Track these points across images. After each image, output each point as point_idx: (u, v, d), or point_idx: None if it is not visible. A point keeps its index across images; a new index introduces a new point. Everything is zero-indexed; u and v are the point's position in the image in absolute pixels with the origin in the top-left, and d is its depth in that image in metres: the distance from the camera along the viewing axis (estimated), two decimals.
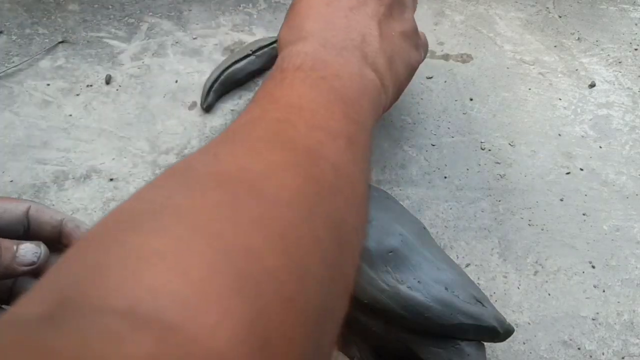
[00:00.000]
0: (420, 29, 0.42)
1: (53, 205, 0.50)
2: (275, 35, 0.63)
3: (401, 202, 0.47)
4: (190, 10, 0.70)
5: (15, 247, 0.32)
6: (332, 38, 0.32)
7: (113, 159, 0.54)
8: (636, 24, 0.68)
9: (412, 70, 0.39)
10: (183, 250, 0.17)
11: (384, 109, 0.35)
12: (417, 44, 0.40)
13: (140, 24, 0.68)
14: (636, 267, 0.46)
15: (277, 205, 0.20)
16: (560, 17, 0.69)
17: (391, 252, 0.35)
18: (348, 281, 0.24)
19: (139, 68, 0.62)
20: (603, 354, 0.41)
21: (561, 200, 0.50)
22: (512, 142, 0.55)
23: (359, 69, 0.31)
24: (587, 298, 0.44)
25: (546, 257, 0.47)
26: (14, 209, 0.35)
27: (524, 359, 0.41)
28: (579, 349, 0.41)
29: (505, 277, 0.45)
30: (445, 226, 0.49)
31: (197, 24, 0.68)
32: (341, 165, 0.25)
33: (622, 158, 0.54)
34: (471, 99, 0.59)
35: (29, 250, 0.32)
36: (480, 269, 0.46)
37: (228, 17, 0.69)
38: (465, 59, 0.64)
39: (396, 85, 0.36)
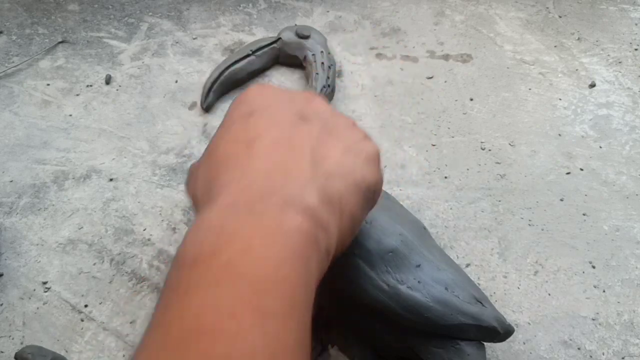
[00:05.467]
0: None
1: (53, 205, 0.50)
2: (275, 35, 0.63)
3: (401, 202, 0.47)
4: (190, 10, 0.70)
5: None
6: (248, 188, 0.25)
7: (113, 159, 0.54)
8: (636, 24, 0.68)
9: (366, 190, 0.30)
10: None
11: (337, 249, 0.28)
12: (368, 155, 0.31)
13: (140, 24, 0.68)
14: (636, 267, 0.46)
15: None
16: (560, 17, 0.69)
17: (391, 252, 0.35)
18: None
19: (138, 68, 0.62)
20: (603, 354, 0.41)
21: (561, 200, 0.50)
22: (512, 142, 0.55)
23: (277, 221, 0.24)
24: (587, 298, 0.44)
25: (546, 257, 0.47)
26: None
27: (524, 359, 0.41)
28: (579, 349, 0.41)
29: (506, 277, 0.45)
30: (446, 226, 0.49)
31: (197, 24, 0.68)
32: None
33: (622, 158, 0.54)
34: (471, 99, 0.59)
35: None
36: (480, 269, 0.46)
37: (228, 17, 0.69)
38: (465, 58, 0.64)
39: (345, 214, 0.28)
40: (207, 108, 0.58)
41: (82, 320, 0.43)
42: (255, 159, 0.27)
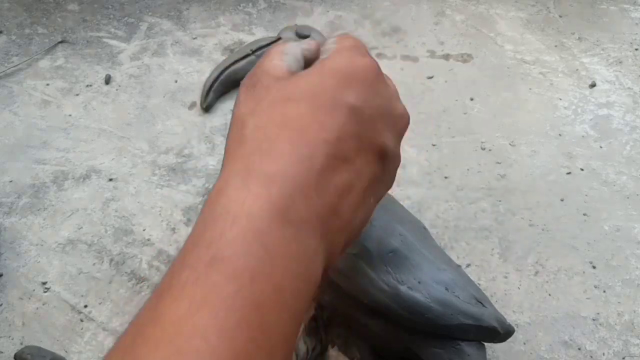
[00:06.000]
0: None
1: (52, 205, 0.50)
2: (275, 34, 0.63)
3: (402, 202, 0.46)
4: (189, 10, 0.70)
5: None
6: (301, 200, 0.23)
7: (113, 159, 0.54)
8: (637, 24, 0.68)
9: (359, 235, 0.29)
10: None
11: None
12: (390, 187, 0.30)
13: (140, 23, 0.68)
14: (637, 268, 0.46)
15: None
16: (560, 16, 0.69)
17: (391, 252, 0.35)
18: None
19: (138, 68, 0.62)
20: (603, 354, 0.41)
21: (562, 200, 0.50)
22: (512, 142, 0.55)
23: (309, 264, 0.23)
24: (587, 298, 0.44)
25: (547, 258, 0.46)
26: None
27: (525, 359, 0.41)
28: (579, 349, 0.41)
29: (506, 277, 0.45)
30: (446, 226, 0.48)
31: (197, 24, 0.68)
32: None
33: (622, 158, 0.54)
34: (472, 99, 0.59)
35: None
36: (481, 269, 0.46)
37: (228, 16, 0.69)
38: (465, 58, 0.63)
39: (339, 256, 0.27)
40: (207, 108, 0.58)
41: (82, 321, 0.43)
42: (323, 162, 0.24)
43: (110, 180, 0.52)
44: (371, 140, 0.26)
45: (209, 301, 0.20)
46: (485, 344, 0.37)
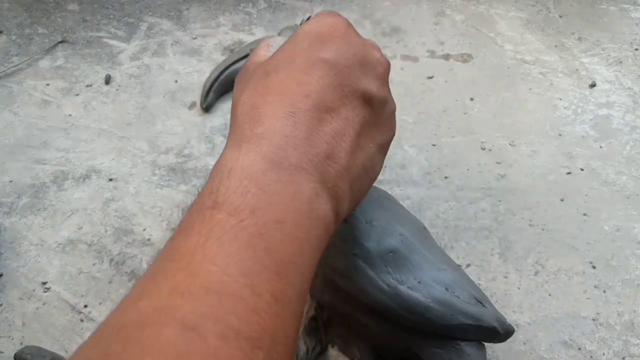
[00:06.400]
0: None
1: (52, 205, 0.50)
2: (275, 34, 0.62)
3: (401, 202, 0.46)
4: (189, 10, 0.70)
5: None
6: (291, 150, 0.25)
7: (112, 159, 0.54)
8: (637, 24, 0.68)
9: (372, 183, 0.31)
10: None
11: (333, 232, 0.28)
12: (387, 152, 0.32)
13: (140, 23, 0.68)
14: (637, 268, 0.46)
15: None
16: (560, 16, 0.69)
17: (391, 252, 0.35)
18: None
19: (138, 68, 0.62)
20: (603, 354, 0.41)
21: (562, 200, 0.50)
22: (512, 142, 0.55)
23: (311, 203, 0.24)
24: (587, 298, 0.44)
25: (547, 258, 0.46)
26: None
27: (525, 359, 0.41)
28: (579, 349, 0.41)
29: (506, 277, 0.45)
30: (446, 226, 0.48)
31: (197, 24, 0.68)
32: None
33: (622, 158, 0.54)
34: (472, 99, 0.59)
35: None
36: (481, 269, 0.46)
37: (228, 16, 0.69)
38: (465, 58, 0.63)
39: (352, 205, 0.29)
40: (207, 108, 0.58)
41: (82, 321, 0.43)
42: (307, 115, 0.26)
43: (110, 180, 0.52)
44: (352, 87, 0.28)
45: (214, 233, 0.22)
46: (485, 344, 0.37)
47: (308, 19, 0.33)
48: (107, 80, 0.61)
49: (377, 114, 0.29)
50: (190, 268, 0.21)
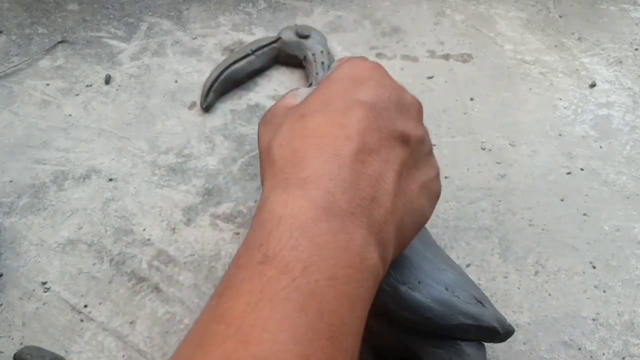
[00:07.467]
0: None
1: (52, 205, 0.50)
2: (275, 34, 0.63)
3: None
4: (189, 10, 0.70)
5: None
6: (340, 195, 0.24)
7: (112, 159, 0.54)
8: (637, 24, 0.68)
9: (419, 229, 0.30)
10: None
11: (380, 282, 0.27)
12: (436, 194, 0.32)
13: (140, 23, 0.68)
14: (637, 268, 0.46)
15: None
16: (560, 16, 0.69)
17: None
18: None
19: (138, 68, 0.62)
20: (604, 354, 0.41)
21: (562, 200, 0.50)
22: (512, 142, 0.55)
23: (362, 253, 0.23)
24: (587, 298, 0.44)
25: (547, 258, 0.46)
26: None
27: (525, 359, 0.41)
28: (579, 349, 0.41)
29: (506, 277, 0.45)
30: (446, 226, 0.48)
31: (197, 24, 0.68)
32: None
33: (622, 158, 0.54)
34: (472, 99, 0.59)
35: None
36: (481, 269, 0.46)
37: (228, 16, 0.69)
38: (465, 58, 0.63)
39: (397, 252, 0.28)
40: (207, 108, 0.58)
41: (82, 321, 0.43)
42: (351, 158, 0.25)
43: (110, 180, 0.52)
44: (389, 128, 0.28)
45: (266, 294, 0.21)
46: (485, 344, 0.37)
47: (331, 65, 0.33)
48: (107, 80, 0.61)
49: (415, 153, 0.29)
50: (241, 334, 0.20)
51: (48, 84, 0.61)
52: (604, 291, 0.45)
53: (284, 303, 0.21)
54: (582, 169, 0.53)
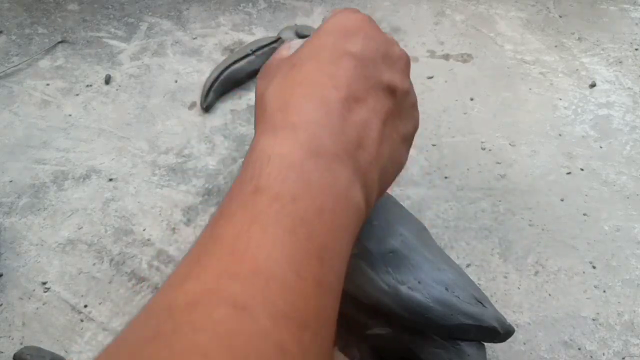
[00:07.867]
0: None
1: (52, 205, 0.50)
2: (275, 34, 0.63)
3: (402, 202, 0.46)
4: (189, 10, 0.70)
5: None
6: (327, 139, 0.25)
7: (112, 159, 0.54)
8: (637, 24, 0.68)
9: (396, 176, 0.32)
10: None
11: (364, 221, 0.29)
12: (411, 145, 0.33)
13: (140, 23, 0.68)
14: (637, 268, 0.46)
15: None
16: (560, 16, 0.69)
17: (391, 252, 0.35)
18: None
19: (138, 68, 0.62)
20: (604, 354, 0.41)
21: (562, 200, 0.50)
22: (512, 142, 0.55)
23: (347, 192, 0.25)
24: (587, 298, 0.44)
25: (547, 258, 0.46)
26: None
27: (525, 359, 0.41)
28: (579, 349, 0.41)
29: (506, 277, 0.45)
30: (446, 226, 0.48)
31: (197, 24, 0.68)
32: None
33: (622, 158, 0.54)
34: (472, 99, 0.59)
35: None
36: (481, 269, 0.46)
37: (228, 16, 0.69)
38: (465, 58, 0.63)
39: (379, 195, 0.30)
40: (207, 108, 0.58)
41: (82, 321, 0.43)
42: (333, 106, 0.26)
43: (110, 180, 0.52)
44: (377, 79, 0.29)
45: (258, 219, 0.22)
46: (485, 344, 0.37)
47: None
48: (107, 80, 0.61)
49: (400, 105, 0.31)
50: (236, 252, 0.21)
51: (48, 84, 0.61)
52: (604, 291, 0.45)
53: (275, 226, 0.22)
54: (582, 169, 0.53)
